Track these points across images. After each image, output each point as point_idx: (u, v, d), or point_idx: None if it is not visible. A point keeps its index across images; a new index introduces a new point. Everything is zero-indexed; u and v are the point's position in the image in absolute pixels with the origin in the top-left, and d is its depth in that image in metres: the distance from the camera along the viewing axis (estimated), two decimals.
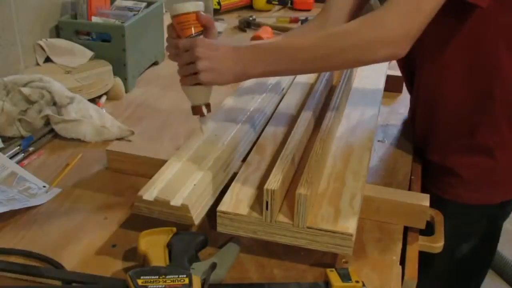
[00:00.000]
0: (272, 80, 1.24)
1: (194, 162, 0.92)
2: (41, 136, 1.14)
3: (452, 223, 1.01)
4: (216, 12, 2.03)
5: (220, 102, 1.14)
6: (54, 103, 1.15)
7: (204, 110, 0.95)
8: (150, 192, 0.84)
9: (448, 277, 1.21)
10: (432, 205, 0.92)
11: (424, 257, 0.91)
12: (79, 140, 1.15)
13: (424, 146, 1.13)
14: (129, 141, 1.16)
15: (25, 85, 1.16)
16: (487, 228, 1.16)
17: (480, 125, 1.03)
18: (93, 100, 1.28)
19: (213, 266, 0.75)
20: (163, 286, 0.68)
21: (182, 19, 0.94)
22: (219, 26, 1.95)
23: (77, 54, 1.37)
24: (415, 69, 1.10)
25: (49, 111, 1.13)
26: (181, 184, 0.86)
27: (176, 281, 0.69)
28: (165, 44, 0.98)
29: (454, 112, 1.05)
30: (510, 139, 1.04)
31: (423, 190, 1.03)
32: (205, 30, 0.96)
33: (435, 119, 1.09)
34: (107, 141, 1.15)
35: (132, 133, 1.18)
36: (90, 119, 1.15)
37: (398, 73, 1.43)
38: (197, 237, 0.81)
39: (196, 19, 0.95)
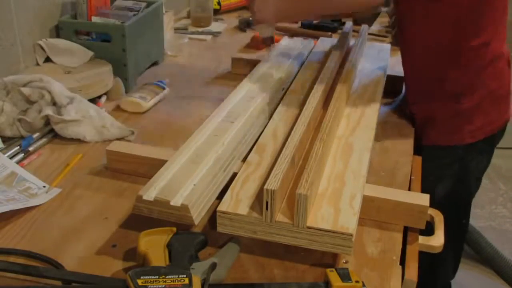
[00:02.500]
0: (274, 77, 1.24)
1: (194, 162, 0.92)
2: (41, 136, 1.14)
3: (428, 165, 1.19)
4: (216, 12, 2.03)
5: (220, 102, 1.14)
6: (54, 103, 1.15)
7: (271, 38, 1.37)
8: (150, 192, 0.84)
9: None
10: (415, 151, 1.15)
11: None
12: (79, 140, 1.15)
13: (409, 102, 1.31)
14: (129, 141, 1.16)
15: (25, 85, 1.15)
16: (458, 169, 1.29)
17: (449, 74, 1.19)
18: (93, 100, 1.28)
19: (213, 266, 0.75)
20: (163, 286, 0.68)
21: None
22: (219, 26, 1.95)
23: (77, 54, 1.37)
24: (402, 24, 1.26)
25: (49, 111, 1.13)
26: (181, 184, 0.86)
27: (176, 281, 0.69)
28: (165, 44, 0.99)
29: (425, 64, 1.23)
30: (476, 86, 1.20)
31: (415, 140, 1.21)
32: None
33: (413, 72, 1.28)
34: (107, 141, 1.15)
35: (132, 133, 1.18)
36: (90, 119, 1.15)
37: (398, 73, 1.44)
38: (197, 237, 0.81)
39: None
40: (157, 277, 0.69)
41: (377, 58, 1.44)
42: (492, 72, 1.21)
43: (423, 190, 1.01)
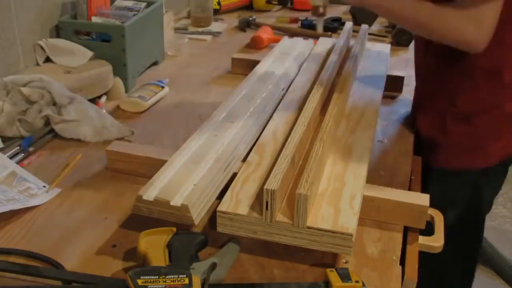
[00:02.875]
0: (275, 77, 1.24)
1: (194, 162, 0.92)
2: (41, 136, 1.14)
3: (438, 189, 1.11)
4: (216, 12, 2.03)
5: (219, 103, 1.14)
6: (54, 103, 1.15)
7: (322, 10, 1.20)
8: (150, 192, 0.84)
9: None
10: (423, 173, 1.08)
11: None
12: (79, 140, 1.15)
13: (418, 119, 1.25)
14: (129, 141, 1.16)
15: (25, 85, 1.15)
16: (471, 196, 1.23)
17: (461, 93, 1.13)
18: (93, 100, 1.28)
19: (213, 266, 0.75)
20: (163, 286, 0.68)
21: None
22: (219, 26, 1.95)
23: (77, 54, 1.37)
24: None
25: (49, 111, 1.13)
26: (181, 184, 0.86)
27: (176, 281, 0.69)
28: (165, 44, 0.97)
29: (436, 81, 1.17)
30: (489, 106, 1.12)
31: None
32: None
33: (424, 90, 1.23)
34: (107, 141, 1.15)
35: (132, 133, 1.18)
36: (90, 120, 1.15)
37: (398, 73, 1.44)
38: (197, 237, 0.81)
39: None
40: (157, 277, 0.69)
41: (377, 58, 1.44)
42: (509, 93, 1.12)
43: None
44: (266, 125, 1.07)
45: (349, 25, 1.55)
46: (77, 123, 1.14)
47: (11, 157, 1.05)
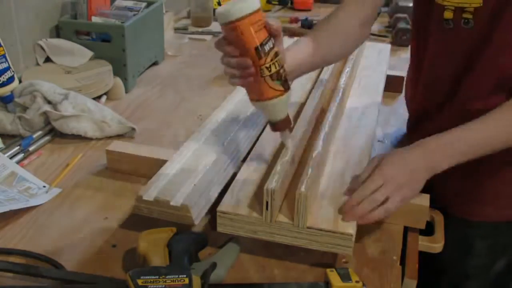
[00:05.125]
0: None
1: (194, 162, 0.92)
2: (41, 136, 1.14)
3: (486, 244, 1.01)
4: None
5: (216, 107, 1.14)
6: (49, 102, 1.15)
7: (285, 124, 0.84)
8: (150, 192, 0.84)
9: None
10: (461, 229, 0.97)
11: (460, 277, 0.91)
12: (79, 139, 1.15)
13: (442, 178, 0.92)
14: (131, 137, 1.17)
15: (19, 96, 1.16)
16: None
17: None
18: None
19: (213, 266, 0.75)
20: (163, 286, 0.68)
21: (250, 20, 0.74)
22: (219, 26, 1.95)
23: (77, 54, 1.37)
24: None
25: (47, 107, 1.13)
26: (181, 184, 0.86)
27: (176, 281, 0.69)
28: (165, 44, 0.95)
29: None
30: None
31: (447, 217, 0.96)
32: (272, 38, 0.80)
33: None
34: (108, 138, 1.15)
35: (133, 129, 1.18)
36: (89, 113, 1.15)
37: (398, 73, 1.44)
38: (197, 237, 0.81)
39: (261, 18, 0.76)
40: (157, 277, 0.69)
41: (377, 58, 1.44)
42: None
43: (480, 267, 0.92)
44: (266, 125, 1.07)
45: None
46: (76, 118, 1.14)
47: (11, 157, 1.05)
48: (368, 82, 1.27)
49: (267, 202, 0.77)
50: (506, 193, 1.01)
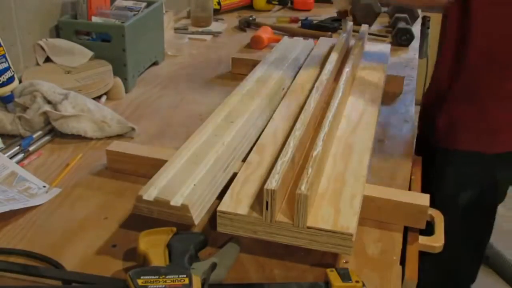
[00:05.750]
0: (275, 77, 1.24)
1: (194, 162, 0.92)
2: (41, 136, 1.14)
3: (454, 171, 1.22)
4: (216, 12, 2.03)
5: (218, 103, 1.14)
6: (49, 102, 1.15)
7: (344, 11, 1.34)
8: (150, 192, 0.84)
9: (452, 228, 1.27)
10: (440, 158, 1.20)
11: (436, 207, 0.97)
12: (79, 139, 1.15)
13: (434, 111, 1.31)
14: (131, 137, 1.17)
15: (19, 95, 1.16)
16: (485, 178, 1.27)
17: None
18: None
19: (213, 266, 0.75)
20: (163, 286, 0.68)
21: None
22: (219, 26, 1.95)
23: (77, 54, 1.37)
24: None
25: (47, 107, 1.13)
26: (181, 184, 0.86)
27: (176, 281, 0.69)
28: (165, 44, 0.97)
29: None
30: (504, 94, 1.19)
31: (431, 149, 1.22)
32: None
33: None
34: (108, 138, 1.15)
35: (133, 129, 1.18)
36: (89, 113, 1.15)
37: (398, 73, 1.44)
38: (197, 237, 0.81)
39: None
40: (157, 277, 0.69)
41: (377, 58, 1.44)
42: None
43: (447, 196, 1.00)
44: (266, 125, 1.07)
45: (349, 25, 1.55)
46: (76, 118, 1.14)
47: (11, 157, 1.05)
48: (368, 82, 1.27)
49: (267, 202, 0.77)
50: (482, 125, 1.22)
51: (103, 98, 1.32)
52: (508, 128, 1.22)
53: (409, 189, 1.03)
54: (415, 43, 1.79)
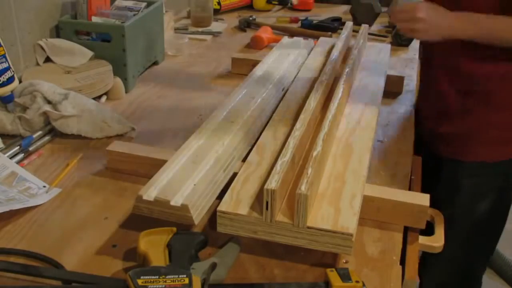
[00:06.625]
0: (274, 79, 1.24)
1: (194, 162, 0.92)
2: (41, 136, 1.14)
3: (471, 183, 1.20)
4: (216, 12, 2.03)
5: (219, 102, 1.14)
6: (49, 102, 1.15)
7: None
8: (150, 192, 0.84)
9: (467, 235, 1.31)
10: (451, 170, 1.19)
11: (447, 217, 0.97)
12: (79, 139, 1.15)
13: (439, 122, 1.28)
14: (132, 137, 1.17)
15: (19, 96, 1.16)
16: (502, 184, 1.27)
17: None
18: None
19: (213, 266, 0.75)
20: (163, 286, 0.68)
21: None
22: (219, 26, 1.95)
23: (77, 54, 1.37)
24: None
25: (47, 107, 1.13)
26: (181, 184, 0.86)
27: (176, 281, 0.69)
28: (165, 44, 0.97)
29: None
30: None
31: (440, 160, 1.21)
32: None
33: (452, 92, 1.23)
34: (108, 138, 1.15)
35: (133, 129, 1.18)
36: (89, 113, 1.15)
37: (398, 73, 1.44)
38: (197, 237, 0.81)
39: None
40: (157, 277, 0.69)
41: (377, 58, 1.44)
42: None
43: (464, 208, 1.02)
44: (266, 125, 1.07)
45: (349, 25, 1.55)
46: (76, 118, 1.14)
47: (11, 157, 1.05)
48: (368, 82, 1.27)
49: (267, 202, 0.77)
50: (495, 136, 1.21)
51: (103, 98, 1.33)
52: None
53: (409, 189, 1.03)
54: (415, 43, 1.79)
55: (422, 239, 0.91)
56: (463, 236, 1.31)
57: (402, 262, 0.85)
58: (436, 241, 0.91)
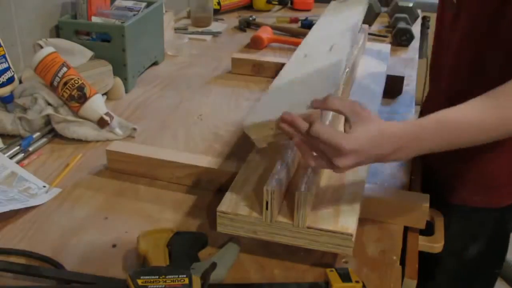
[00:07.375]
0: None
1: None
2: (41, 136, 1.14)
3: (459, 226, 1.06)
4: (216, 12, 2.03)
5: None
6: (50, 104, 1.15)
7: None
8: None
9: (455, 279, 1.21)
10: (439, 209, 0.96)
11: (433, 258, 0.92)
12: (79, 139, 1.15)
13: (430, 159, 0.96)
14: (132, 137, 1.17)
15: (19, 97, 1.16)
16: (494, 230, 1.14)
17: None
18: None
19: (213, 266, 0.75)
20: (163, 286, 0.68)
21: None
22: (219, 26, 1.95)
23: (77, 54, 1.37)
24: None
25: (50, 110, 1.13)
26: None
27: (176, 281, 0.69)
28: (165, 44, 0.96)
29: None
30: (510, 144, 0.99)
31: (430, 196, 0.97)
32: None
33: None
34: (107, 140, 1.15)
35: (134, 129, 1.18)
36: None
37: (398, 73, 1.44)
38: (197, 237, 0.81)
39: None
40: (157, 277, 0.69)
41: (377, 58, 1.44)
42: None
43: (452, 250, 0.96)
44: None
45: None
46: (78, 123, 1.14)
47: (11, 157, 1.05)
48: (368, 82, 1.27)
49: (267, 202, 0.77)
50: (483, 180, 1.06)
51: (103, 98, 1.32)
52: (510, 180, 1.06)
53: (409, 189, 1.03)
54: (415, 43, 1.79)
55: (422, 239, 0.91)
56: (451, 279, 1.21)
57: (402, 262, 0.85)
58: (436, 241, 0.91)
